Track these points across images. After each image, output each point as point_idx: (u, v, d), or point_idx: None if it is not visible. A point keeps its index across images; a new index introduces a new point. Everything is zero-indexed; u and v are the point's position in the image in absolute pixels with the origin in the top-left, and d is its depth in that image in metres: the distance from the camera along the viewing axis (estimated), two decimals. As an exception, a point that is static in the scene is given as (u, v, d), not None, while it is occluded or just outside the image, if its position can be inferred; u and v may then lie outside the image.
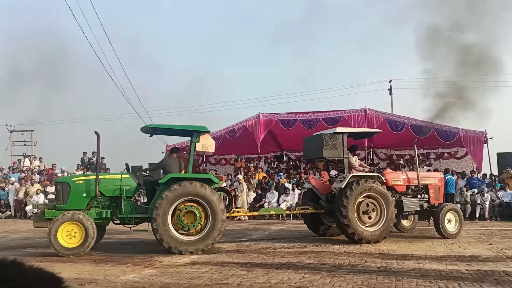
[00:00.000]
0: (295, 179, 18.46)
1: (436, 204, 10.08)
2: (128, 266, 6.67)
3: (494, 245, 8.69)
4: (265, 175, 19.70)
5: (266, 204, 16.01)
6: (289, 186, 16.84)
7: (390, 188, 9.51)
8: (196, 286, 5.19)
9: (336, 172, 11.60)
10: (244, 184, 16.86)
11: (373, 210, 9.11)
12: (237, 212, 11.88)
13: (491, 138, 17.13)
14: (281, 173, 18.49)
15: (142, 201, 11.23)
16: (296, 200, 15.40)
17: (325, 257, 7.22)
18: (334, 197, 9.54)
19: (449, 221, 9.81)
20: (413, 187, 9.99)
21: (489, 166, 17.28)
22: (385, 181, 9.43)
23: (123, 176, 8.43)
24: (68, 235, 7.72)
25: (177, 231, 7.94)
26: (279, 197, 16.24)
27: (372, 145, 20.51)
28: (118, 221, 8.47)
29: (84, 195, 8.16)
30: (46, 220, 8.01)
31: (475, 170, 17.03)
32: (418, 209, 9.88)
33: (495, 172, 17.11)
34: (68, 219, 7.75)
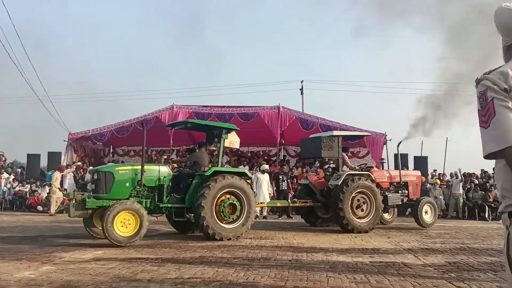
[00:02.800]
0: (170, 164, 18.29)
1: (414, 199, 11.59)
2: (22, 263, 5.99)
3: (392, 238, 9.37)
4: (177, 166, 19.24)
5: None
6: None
7: (377, 184, 10.79)
8: (102, 284, 4.80)
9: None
10: None
11: (364, 204, 10.31)
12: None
13: (390, 139, 18.53)
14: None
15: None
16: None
17: (238, 251, 7.17)
18: (329, 192, 10.63)
19: (426, 212, 11.35)
20: (395, 183, 11.53)
21: (387, 166, 18.70)
22: (374, 179, 10.73)
23: (161, 167, 8.84)
24: (122, 224, 7.66)
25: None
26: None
27: (283, 142, 21.02)
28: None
29: (128, 184, 8.29)
30: (85, 209, 7.98)
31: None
32: (400, 203, 11.43)
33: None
34: (127, 208, 7.70)
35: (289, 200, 12.45)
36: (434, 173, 19.41)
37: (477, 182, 17.45)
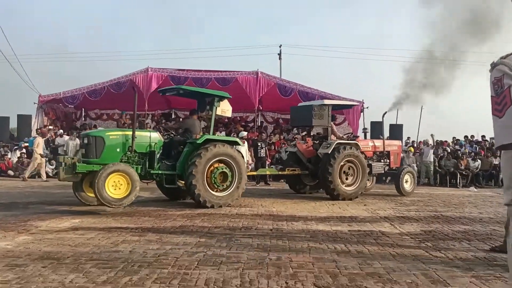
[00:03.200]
0: (161, 130, 18.08)
1: (394, 168, 12.05)
2: (-3, 233, 5.82)
3: (368, 206, 9.58)
4: (152, 133, 18.94)
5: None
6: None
7: (362, 153, 11.04)
8: (82, 255, 4.71)
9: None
10: None
11: (351, 172, 10.64)
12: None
13: (367, 107, 18.70)
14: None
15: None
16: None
17: (218, 220, 7.18)
18: (317, 160, 10.90)
19: (406, 181, 11.87)
20: (378, 153, 11.92)
21: (364, 134, 18.97)
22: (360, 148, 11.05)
23: (152, 133, 8.84)
24: (114, 186, 7.69)
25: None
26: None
27: (261, 108, 20.88)
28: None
29: (118, 150, 8.27)
30: (75, 174, 7.95)
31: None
32: (383, 171, 11.95)
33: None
34: (119, 170, 7.74)
35: (267, 167, 12.51)
36: (408, 141, 19.80)
37: (449, 150, 17.94)
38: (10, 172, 15.85)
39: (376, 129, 18.81)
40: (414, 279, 4.04)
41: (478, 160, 16.07)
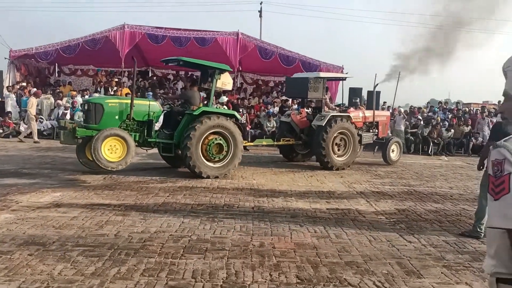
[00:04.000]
0: (161, 99, 17.78)
1: (381, 137, 12.63)
2: (-23, 211, 5.78)
3: (345, 178, 9.86)
4: (129, 91, 18.54)
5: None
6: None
7: (352, 124, 11.38)
8: (68, 239, 4.76)
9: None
10: None
11: (343, 143, 11.12)
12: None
13: (347, 73, 18.67)
14: (150, 93, 17.53)
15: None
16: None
17: (200, 195, 7.28)
18: (310, 131, 11.31)
19: (393, 151, 12.51)
20: (367, 123, 12.25)
21: (342, 98, 19.13)
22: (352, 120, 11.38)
23: (151, 102, 9.14)
24: (110, 150, 8.02)
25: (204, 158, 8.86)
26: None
27: (240, 69, 20.63)
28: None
29: (117, 117, 8.56)
30: (75, 138, 8.36)
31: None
32: (371, 142, 12.49)
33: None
34: (114, 134, 8.06)
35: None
36: (384, 107, 20.07)
37: (421, 118, 18.30)
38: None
39: (355, 94, 18.99)
40: (390, 270, 4.29)
41: (452, 130, 16.53)
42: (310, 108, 12.39)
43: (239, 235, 5.19)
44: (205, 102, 10.49)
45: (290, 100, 17.07)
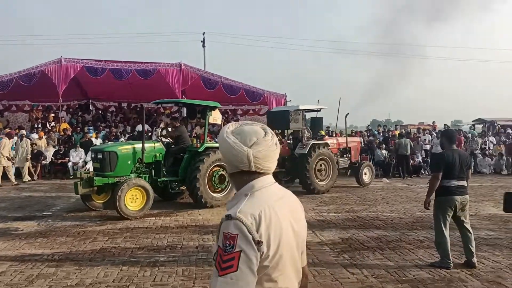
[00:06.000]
0: (104, 133, 17.29)
1: (354, 161, 13.72)
2: None
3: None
4: (68, 126, 17.88)
5: (70, 164, 14.60)
6: (97, 142, 15.66)
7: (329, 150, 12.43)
8: (-8, 300, 4.38)
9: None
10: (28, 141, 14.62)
11: (323, 167, 12.09)
12: None
13: (290, 100, 19.16)
14: (90, 128, 16.95)
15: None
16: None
17: (141, 237, 7.01)
18: (292, 159, 12.22)
19: (365, 174, 13.49)
20: (341, 149, 13.47)
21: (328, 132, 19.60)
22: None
23: (156, 144, 9.56)
24: (131, 199, 8.45)
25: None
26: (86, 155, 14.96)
27: (185, 98, 20.47)
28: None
29: (129, 162, 9.03)
30: (92, 187, 8.69)
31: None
32: (346, 166, 13.61)
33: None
34: (137, 185, 8.53)
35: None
36: (327, 130, 20.64)
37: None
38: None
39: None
40: (333, 307, 4.28)
41: (384, 151, 17.24)
42: (290, 138, 13.45)
43: (181, 280, 5.00)
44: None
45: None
